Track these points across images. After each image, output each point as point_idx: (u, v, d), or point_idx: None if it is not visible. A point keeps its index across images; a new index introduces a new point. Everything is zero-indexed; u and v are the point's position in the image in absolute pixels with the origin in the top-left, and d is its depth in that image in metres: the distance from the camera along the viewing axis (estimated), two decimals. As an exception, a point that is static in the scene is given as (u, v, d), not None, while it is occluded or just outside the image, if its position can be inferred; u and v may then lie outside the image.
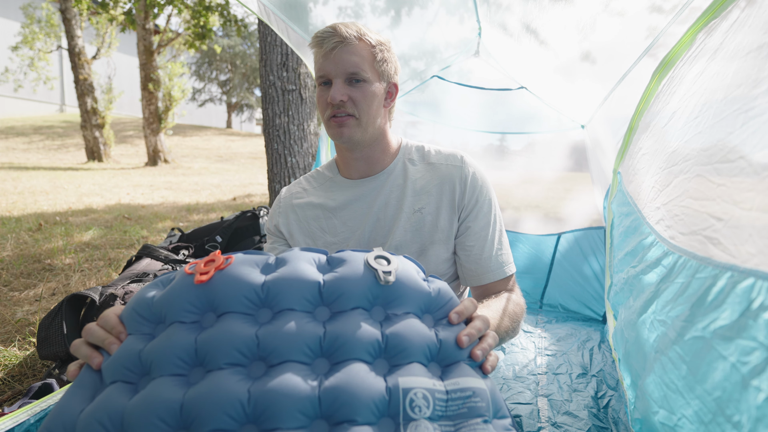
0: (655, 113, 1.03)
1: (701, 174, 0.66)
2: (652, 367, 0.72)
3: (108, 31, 11.52)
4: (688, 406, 0.57)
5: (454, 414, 0.49)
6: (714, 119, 0.66)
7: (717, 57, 0.71)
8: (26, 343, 1.73)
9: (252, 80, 24.65)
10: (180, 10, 8.34)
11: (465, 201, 0.96)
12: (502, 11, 1.68)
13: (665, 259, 0.76)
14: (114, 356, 0.53)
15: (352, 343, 0.52)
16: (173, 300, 0.55)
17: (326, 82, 0.90)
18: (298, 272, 0.57)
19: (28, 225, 3.78)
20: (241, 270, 0.57)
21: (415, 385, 0.49)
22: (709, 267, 0.59)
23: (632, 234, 1.02)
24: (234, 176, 9.43)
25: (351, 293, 0.56)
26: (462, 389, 0.51)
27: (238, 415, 0.46)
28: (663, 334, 0.69)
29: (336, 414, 0.47)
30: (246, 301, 0.55)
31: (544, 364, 1.62)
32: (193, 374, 0.50)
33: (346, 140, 0.91)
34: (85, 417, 0.48)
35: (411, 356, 0.53)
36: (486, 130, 2.50)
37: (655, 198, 0.88)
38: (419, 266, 0.64)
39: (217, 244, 2.43)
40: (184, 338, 0.52)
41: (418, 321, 0.57)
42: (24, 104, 18.83)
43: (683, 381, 0.60)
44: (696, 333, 0.58)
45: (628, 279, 0.98)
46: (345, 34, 0.87)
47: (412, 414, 0.48)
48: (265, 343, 0.51)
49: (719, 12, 0.79)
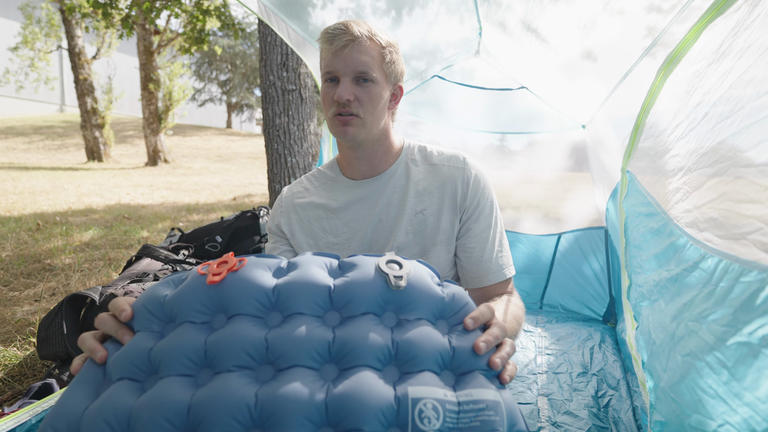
0: (668, 112, 1.02)
1: (742, 176, 0.65)
2: (683, 371, 0.71)
3: (108, 31, 11.52)
4: (733, 412, 0.56)
5: (465, 427, 0.47)
6: (750, 119, 0.64)
7: (746, 54, 0.70)
8: (26, 343, 1.73)
9: (252, 80, 24.64)
10: (177, 14, 8.32)
11: (467, 203, 0.96)
12: (503, 10, 1.68)
13: (703, 263, 0.74)
14: (122, 352, 0.52)
15: (361, 349, 0.51)
16: (185, 300, 0.55)
17: (333, 79, 0.90)
18: (309, 276, 0.57)
19: (28, 225, 3.78)
20: (253, 272, 0.57)
21: (425, 396, 0.48)
22: (755, 271, 0.57)
23: (659, 236, 1.01)
24: (234, 176, 9.43)
25: (361, 298, 0.55)
26: (475, 401, 0.49)
27: (245, 419, 0.46)
28: (697, 339, 0.68)
29: (342, 422, 0.46)
30: (257, 303, 0.55)
31: (544, 364, 1.62)
32: (202, 375, 0.50)
33: (349, 139, 0.91)
34: (91, 415, 0.47)
35: (422, 364, 0.51)
36: (486, 130, 2.50)
37: (683, 199, 0.86)
38: (434, 271, 0.63)
39: (217, 244, 2.42)
40: (194, 339, 0.52)
41: (430, 327, 0.55)
42: (24, 104, 18.82)
43: (725, 387, 0.58)
44: (741, 339, 0.57)
45: (659, 282, 0.96)
46: (356, 32, 0.86)
47: (420, 425, 0.46)
48: (274, 346, 0.51)
49: (723, 9, 0.79)
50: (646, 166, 1.18)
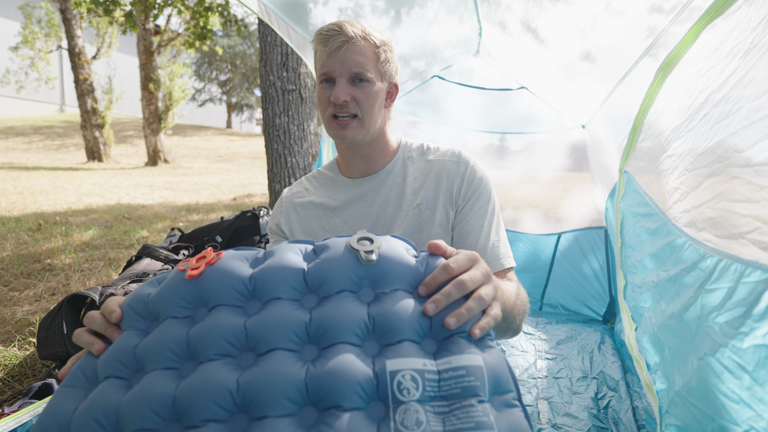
0: (667, 112, 1.02)
1: (739, 176, 0.65)
2: (700, 375, 0.70)
3: (108, 31, 11.52)
4: (759, 418, 0.55)
5: (447, 394, 0.48)
6: (748, 120, 0.64)
7: (738, 55, 0.70)
8: (26, 343, 1.73)
9: (252, 80, 24.64)
10: (180, 11, 8.33)
11: (461, 193, 0.96)
12: (503, 10, 1.68)
13: (702, 263, 0.74)
14: (109, 351, 0.53)
15: (338, 326, 0.51)
16: (166, 296, 0.56)
17: (328, 79, 0.90)
18: (283, 262, 0.58)
19: (28, 225, 3.78)
20: (230, 264, 0.58)
21: (402, 367, 0.48)
22: (759, 271, 0.57)
23: (656, 235, 1.00)
24: (234, 176, 9.43)
25: (334, 277, 0.56)
26: (454, 368, 0.49)
27: (228, 404, 0.46)
28: (711, 341, 0.67)
29: (323, 400, 0.46)
30: (235, 293, 0.55)
31: (544, 368, 1.62)
32: (185, 367, 0.51)
33: (348, 141, 0.92)
34: (80, 414, 0.48)
35: (401, 334, 0.51)
36: (486, 130, 2.50)
37: (681, 200, 0.86)
38: (409, 243, 0.63)
39: (217, 244, 2.42)
40: (177, 332, 0.52)
41: (407, 297, 0.55)
42: (24, 104, 18.81)
43: (748, 392, 0.57)
44: (756, 341, 0.56)
45: (658, 282, 0.96)
46: (351, 33, 0.87)
47: (400, 397, 0.46)
48: (252, 332, 0.52)
49: (722, 10, 0.78)
50: (644, 167, 1.18)
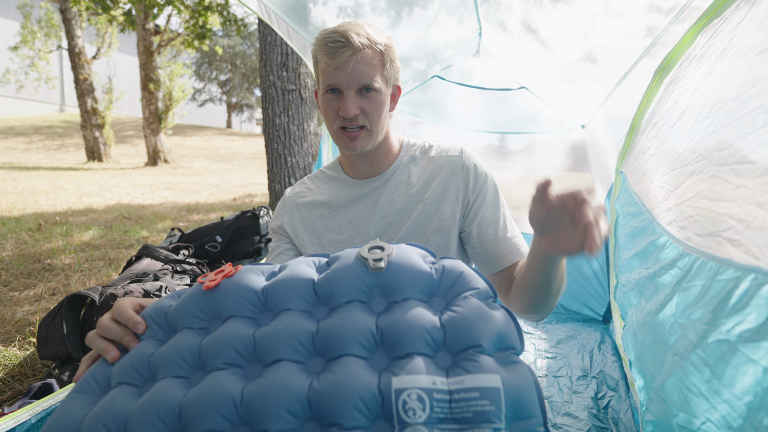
0: (661, 113, 1.02)
1: (717, 175, 0.65)
2: (671, 370, 0.71)
3: (108, 31, 11.51)
4: (713, 410, 0.56)
5: (459, 417, 0.43)
6: (727, 119, 0.65)
7: (726, 56, 0.70)
8: (26, 343, 1.73)
9: (252, 80, 24.63)
10: (180, 10, 8.34)
11: (469, 190, 0.97)
12: (503, 11, 1.68)
13: (680, 261, 0.75)
14: (125, 359, 0.53)
15: (343, 337, 0.49)
16: (184, 307, 0.57)
17: (334, 89, 0.89)
18: (294, 273, 0.57)
19: (28, 225, 3.78)
20: (245, 276, 0.58)
21: (409, 386, 0.44)
22: (731, 269, 0.58)
23: (641, 235, 1.01)
24: (234, 176, 9.43)
25: (343, 286, 0.55)
26: (466, 389, 0.44)
27: (231, 415, 0.45)
28: (683, 337, 0.68)
29: (325, 416, 0.44)
30: (248, 304, 0.55)
31: (543, 367, 1.61)
32: (195, 377, 0.51)
33: (358, 152, 0.93)
34: (89, 420, 0.48)
35: (409, 346, 0.48)
36: (486, 130, 2.50)
37: (665, 199, 0.87)
38: (427, 250, 0.60)
39: (217, 244, 2.43)
40: (190, 342, 0.53)
41: (419, 306, 0.51)
42: (24, 104, 18.81)
43: (707, 385, 0.58)
44: (720, 336, 0.57)
45: (639, 280, 0.97)
46: (357, 44, 0.84)
47: (405, 418, 0.43)
48: (261, 343, 0.51)
49: (720, 12, 0.79)
50: (634, 166, 1.19)
